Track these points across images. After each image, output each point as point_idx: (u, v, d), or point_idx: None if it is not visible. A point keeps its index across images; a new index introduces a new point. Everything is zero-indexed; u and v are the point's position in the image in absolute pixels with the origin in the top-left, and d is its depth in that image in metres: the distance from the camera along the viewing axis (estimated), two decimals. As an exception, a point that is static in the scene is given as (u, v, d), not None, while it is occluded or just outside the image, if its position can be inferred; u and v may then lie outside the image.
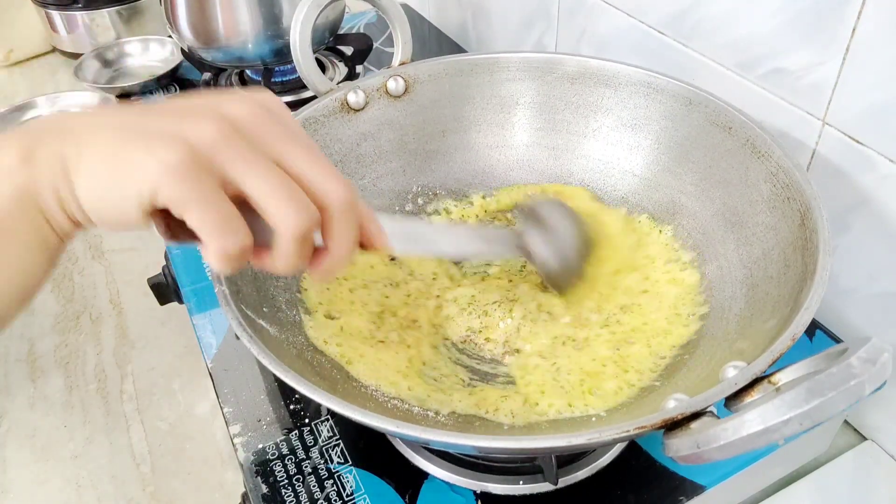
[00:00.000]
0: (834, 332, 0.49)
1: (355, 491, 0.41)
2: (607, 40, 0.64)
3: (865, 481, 0.46)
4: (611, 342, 0.43)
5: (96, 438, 0.54)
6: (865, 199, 0.44)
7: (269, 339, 0.36)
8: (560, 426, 0.38)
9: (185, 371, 0.59)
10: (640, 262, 0.47)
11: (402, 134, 0.53)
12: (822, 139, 0.46)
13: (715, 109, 0.46)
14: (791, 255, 0.38)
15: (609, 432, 0.28)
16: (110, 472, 0.52)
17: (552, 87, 0.52)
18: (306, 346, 0.40)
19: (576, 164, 0.53)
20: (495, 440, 0.29)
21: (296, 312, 0.42)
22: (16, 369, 0.60)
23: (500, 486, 0.41)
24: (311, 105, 0.49)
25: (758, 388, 0.29)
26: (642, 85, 0.49)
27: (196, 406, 0.56)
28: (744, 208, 0.43)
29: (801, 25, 0.45)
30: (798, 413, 0.24)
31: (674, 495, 0.40)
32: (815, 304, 0.32)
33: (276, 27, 0.71)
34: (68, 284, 0.68)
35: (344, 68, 0.83)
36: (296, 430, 0.44)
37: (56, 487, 0.51)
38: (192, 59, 0.78)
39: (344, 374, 0.40)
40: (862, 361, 0.24)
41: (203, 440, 0.54)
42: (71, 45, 1.03)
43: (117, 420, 0.56)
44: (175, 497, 0.50)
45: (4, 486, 0.51)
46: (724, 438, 0.25)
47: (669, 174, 0.49)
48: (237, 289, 0.37)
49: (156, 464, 0.52)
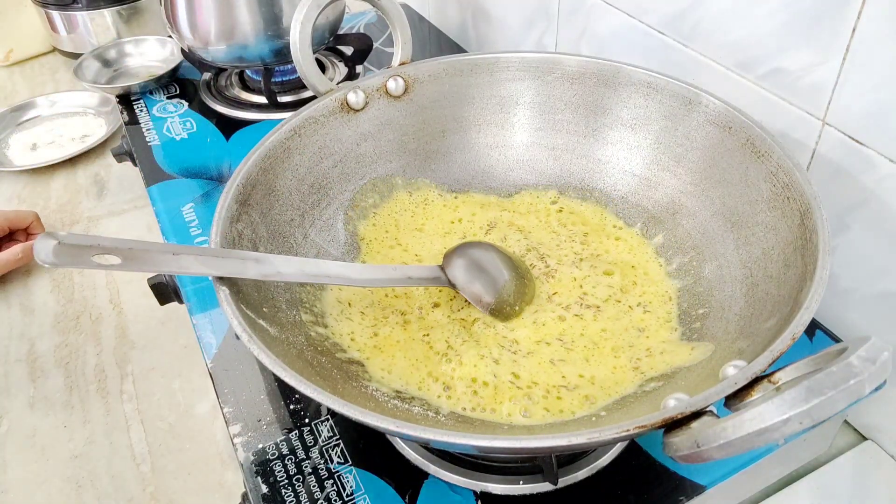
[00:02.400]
0: (834, 332, 0.49)
1: (355, 491, 0.41)
2: (607, 40, 0.64)
3: (865, 481, 0.46)
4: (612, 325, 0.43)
5: (96, 438, 0.54)
6: (865, 199, 0.44)
7: (270, 339, 0.36)
8: (563, 427, 0.38)
9: (185, 371, 0.59)
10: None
11: (402, 134, 0.53)
12: (822, 139, 0.46)
13: (715, 109, 0.46)
14: (791, 254, 0.38)
15: (609, 432, 0.28)
16: (110, 472, 0.52)
17: (552, 87, 0.53)
18: (306, 346, 0.40)
19: (576, 164, 0.53)
20: (495, 440, 0.29)
21: (296, 312, 0.42)
22: (16, 369, 0.60)
23: (500, 486, 0.41)
24: (311, 105, 0.49)
25: (758, 388, 0.29)
26: (642, 85, 0.49)
27: (196, 406, 0.56)
28: (743, 208, 0.43)
29: (801, 25, 0.45)
30: (798, 412, 0.24)
31: (674, 495, 0.40)
32: (815, 304, 0.32)
33: (276, 27, 0.71)
34: (68, 284, 0.69)
35: (344, 68, 0.83)
36: (296, 430, 0.44)
37: (56, 487, 0.51)
38: (192, 60, 0.78)
39: (344, 374, 0.40)
40: (862, 360, 0.24)
41: (203, 440, 0.54)
42: (71, 45, 1.03)
43: (117, 420, 0.56)
44: (175, 497, 0.50)
45: (4, 486, 0.51)
46: (723, 438, 0.25)
47: (669, 174, 0.49)
48: (237, 289, 0.37)
49: (156, 464, 0.52)
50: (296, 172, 0.47)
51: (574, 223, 0.52)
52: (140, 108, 0.79)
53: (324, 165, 0.49)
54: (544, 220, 0.53)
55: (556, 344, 0.43)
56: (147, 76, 0.85)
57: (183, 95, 0.81)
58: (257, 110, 0.77)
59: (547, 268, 0.48)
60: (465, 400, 0.40)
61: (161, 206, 0.64)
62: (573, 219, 0.52)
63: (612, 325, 0.44)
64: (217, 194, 0.64)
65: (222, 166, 0.69)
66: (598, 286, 0.47)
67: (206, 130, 0.75)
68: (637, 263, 0.49)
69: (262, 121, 0.76)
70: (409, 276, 0.44)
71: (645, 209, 0.50)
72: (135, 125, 0.76)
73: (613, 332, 0.44)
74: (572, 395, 0.40)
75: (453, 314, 0.46)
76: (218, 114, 0.77)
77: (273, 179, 0.46)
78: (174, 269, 0.35)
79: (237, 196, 0.42)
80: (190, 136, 0.74)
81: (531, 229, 0.52)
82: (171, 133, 0.74)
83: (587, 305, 0.45)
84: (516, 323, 0.45)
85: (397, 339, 0.44)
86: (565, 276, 0.48)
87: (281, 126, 0.47)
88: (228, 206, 0.41)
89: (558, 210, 0.53)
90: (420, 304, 0.46)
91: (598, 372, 0.41)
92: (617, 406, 0.39)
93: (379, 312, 0.46)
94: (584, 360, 0.42)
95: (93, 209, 0.78)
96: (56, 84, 1.03)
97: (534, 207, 0.54)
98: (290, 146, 0.47)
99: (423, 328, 0.45)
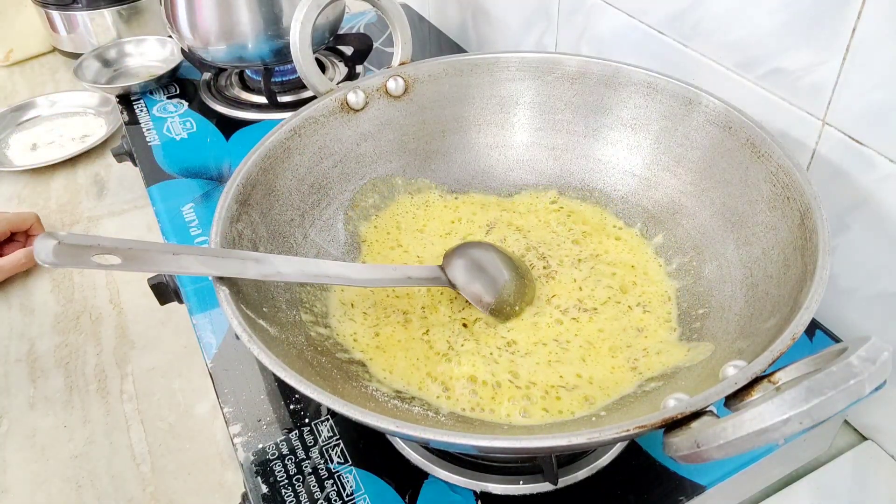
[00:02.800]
0: (834, 332, 0.49)
1: (355, 491, 0.41)
2: (607, 40, 0.64)
3: (865, 481, 0.46)
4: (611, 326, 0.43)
5: (96, 438, 0.54)
6: (865, 199, 0.44)
7: (270, 339, 0.36)
8: (563, 427, 0.38)
9: (185, 371, 0.59)
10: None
11: (401, 134, 0.53)
12: (822, 139, 0.46)
13: (714, 109, 0.46)
14: (791, 254, 0.38)
15: (609, 432, 0.28)
16: (110, 472, 0.52)
17: (552, 87, 0.53)
18: (306, 346, 0.40)
19: (575, 164, 0.53)
20: (495, 440, 0.29)
21: (296, 312, 0.42)
22: (16, 369, 0.60)
23: (500, 486, 0.41)
24: (311, 105, 0.49)
25: (758, 388, 0.29)
26: (642, 85, 0.49)
27: (196, 406, 0.56)
28: (743, 208, 0.43)
29: (801, 25, 0.45)
30: (798, 412, 0.24)
31: (674, 495, 0.40)
32: (816, 304, 0.32)
33: (276, 27, 0.71)
34: (68, 284, 0.69)
35: (344, 68, 0.83)
36: (296, 430, 0.44)
37: (56, 487, 0.51)
38: (192, 60, 0.78)
39: (344, 375, 0.40)
40: (862, 360, 0.24)
41: (203, 440, 0.54)
42: (71, 45, 1.03)
43: (117, 420, 0.56)
44: (175, 497, 0.50)
45: (4, 486, 0.51)
46: (723, 438, 0.25)
47: (669, 174, 0.49)
48: (237, 289, 0.37)
49: (156, 464, 0.52)
50: (296, 172, 0.47)
51: (574, 223, 0.52)
52: (140, 108, 0.79)
53: (324, 165, 0.49)
54: (544, 220, 0.52)
55: (552, 344, 0.43)
56: (147, 76, 0.85)
57: (183, 95, 0.81)
58: (257, 110, 0.77)
59: (546, 268, 0.48)
60: (463, 400, 0.40)
61: (161, 206, 0.64)
62: (573, 218, 0.52)
63: (611, 325, 0.44)
64: (217, 194, 0.64)
65: (222, 166, 0.69)
66: (597, 287, 0.47)
67: (206, 130, 0.75)
68: (637, 263, 0.49)
69: (262, 121, 0.76)
70: (408, 276, 0.44)
71: (645, 209, 0.50)
72: (135, 125, 0.76)
73: (612, 332, 0.44)
74: (571, 395, 0.40)
75: (454, 315, 0.46)
76: (218, 114, 0.77)
77: (273, 179, 0.46)
78: (174, 269, 0.35)
79: (237, 196, 0.42)
80: (190, 136, 0.74)
81: (531, 229, 0.52)
82: (171, 133, 0.74)
83: (584, 309, 0.45)
84: (516, 323, 0.45)
85: (398, 339, 0.44)
86: (565, 277, 0.48)
87: (281, 126, 0.47)
88: (228, 206, 0.41)
89: (557, 209, 0.53)
90: (423, 304, 0.46)
91: (596, 372, 0.41)
92: (616, 406, 0.39)
93: (381, 312, 0.46)
94: (582, 360, 0.42)
95: (93, 209, 0.78)
96: (56, 84, 1.03)
97: (533, 207, 0.54)
98: (289, 146, 0.47)
99: (424, 327, 0.45)
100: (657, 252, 0.49)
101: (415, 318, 0.46)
